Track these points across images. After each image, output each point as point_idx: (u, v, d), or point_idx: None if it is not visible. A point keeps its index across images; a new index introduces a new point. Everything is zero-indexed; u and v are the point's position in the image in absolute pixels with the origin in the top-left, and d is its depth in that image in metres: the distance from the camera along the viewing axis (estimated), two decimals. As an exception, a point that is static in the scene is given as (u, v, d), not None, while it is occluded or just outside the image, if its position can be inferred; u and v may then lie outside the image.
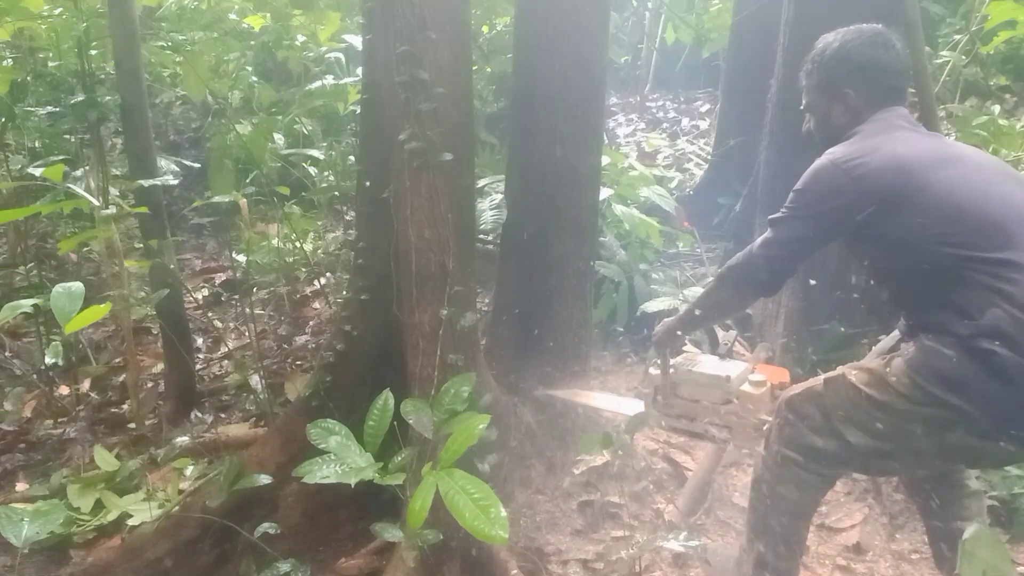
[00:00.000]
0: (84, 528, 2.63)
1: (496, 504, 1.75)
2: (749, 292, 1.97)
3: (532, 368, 2.76)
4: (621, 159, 4.27)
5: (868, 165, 1.71)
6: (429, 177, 2.08)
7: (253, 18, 5.20)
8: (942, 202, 1.65)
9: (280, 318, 4.35)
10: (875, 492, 2.67)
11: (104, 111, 3.53)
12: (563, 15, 2.54)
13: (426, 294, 2.15)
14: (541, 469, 2.69)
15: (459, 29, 2.15)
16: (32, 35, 4.21)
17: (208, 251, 5.56)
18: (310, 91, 4.77)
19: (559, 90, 2.58)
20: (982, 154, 1.88)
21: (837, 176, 1.74)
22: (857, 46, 1.88)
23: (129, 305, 3.03)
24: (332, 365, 2.57)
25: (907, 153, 1.72)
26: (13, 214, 3.08)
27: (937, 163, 1.70)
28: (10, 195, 3.91)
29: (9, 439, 3.37)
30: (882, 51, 1.87)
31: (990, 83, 5.81)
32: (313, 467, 2.01)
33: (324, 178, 4.85)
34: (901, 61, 1.91)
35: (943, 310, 1.64)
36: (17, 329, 4.23)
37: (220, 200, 3.35)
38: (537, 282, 2.73)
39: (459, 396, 2.04)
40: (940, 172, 1.68)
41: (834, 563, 2.35)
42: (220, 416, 3.45)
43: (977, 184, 1.68)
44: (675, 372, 2.20)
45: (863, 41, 1.88)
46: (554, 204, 2.68)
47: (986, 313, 1.56)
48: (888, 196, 1.68)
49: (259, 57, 5.83)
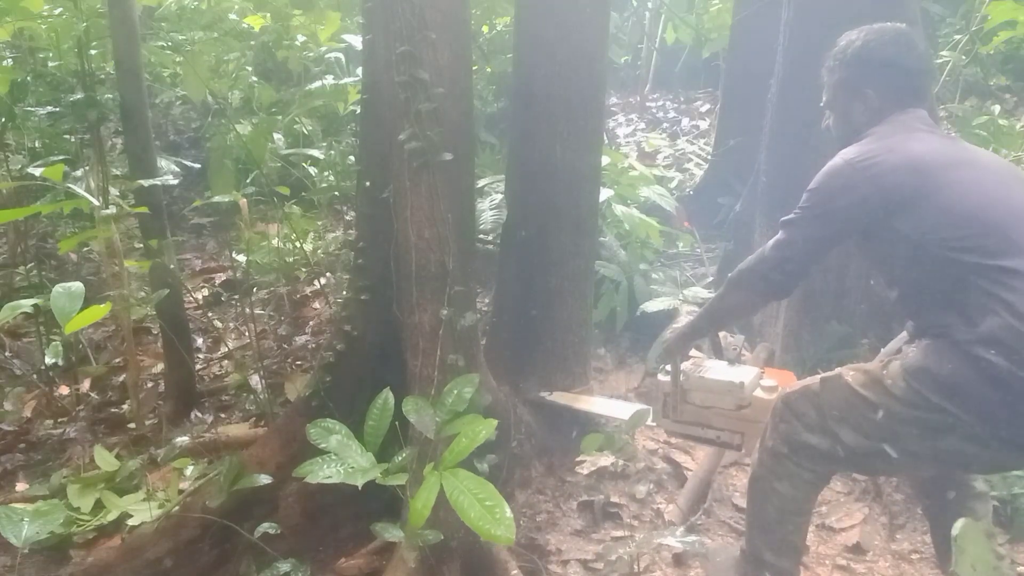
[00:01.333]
0: (84, 528, 2.63)
1: (501, 504, 1.75)
2: (762, 295, 1.96)
3: (532, 368, 2.77)
4: (621, 159, 4.27)
5: (882, 164, 1.71)
6: (429, 177, 2.08)
7: (253, 18, 5.20)
8: (952, 205, 1.65)
9: (280, 318, 4.35)
10: (875, 492, 2.67)
11: (104, 111, 3.53)
12: (563, 15, 2.54)
13: (426, 294, 2.15)
14: (541, 469, 2.69)
15: (459, 29, 2.15)
16: (32, 35, 4.21)
17: (208, 251, 5.55)
18: (310, 91, 4.77)
19: (559, 90, 2.58)
20: (995, 158, 1.88)
21: (852, 175, 1.74)
22: (879, 45, 1.87)
23: (129, 305, 3.03)
24: (332, 365, 2.57)
25: (922, 154, 1.72)
26: (13, 214, 3.08)
27: (951, 165, 1.70)
28: (10, 195, 3.91)
29: (9, 439, 3.36)
30: (904, 51, 1.86)
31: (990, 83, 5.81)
32: (314, 467, 2.01)
33: (324, 178, 4.85)
34: (923, 62, 1.90)
35: (945, 313, 1.64)
36: (17, 329, 4.23)
37: (220, 200, 3.35)
38: (537, 282, 2.73)
39: (462, 397, 2.04)
40: (953, 174, 1.68)
41: (834, 563, 2.35)
42: (220, 416, 3.45)
43: (988, 189, 1.68)
44: (686, 379, 2.17)
45: (885, 40, 1.87)
46: (554, 204, 2.68)
47: (985, 320, 1.57)
48: (901, 195, 1.69)
49: (259, 57, 5.83)
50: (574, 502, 2.61)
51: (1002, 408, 1.55)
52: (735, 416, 2.10)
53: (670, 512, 2.55)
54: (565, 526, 2.51)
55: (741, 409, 2.09)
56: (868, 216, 1.73)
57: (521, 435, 2.59)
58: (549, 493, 2.64)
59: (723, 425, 2.13)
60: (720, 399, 2.12)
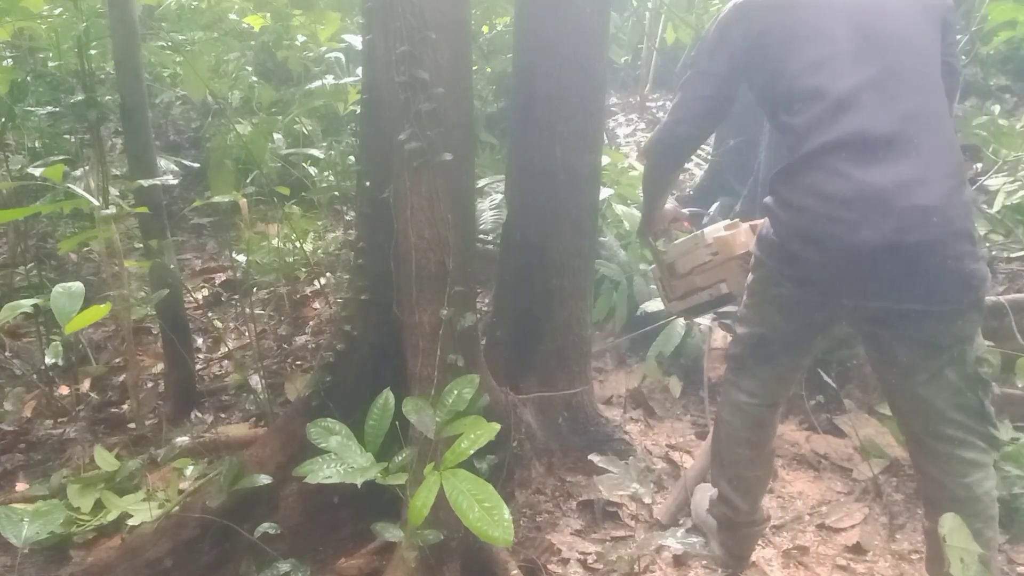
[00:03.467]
0: (84, 528, 2.63)
1: (500, 506, 1.75)
2: (668, 159, 2.09)
3: (532, 368, 2.77)
4: (621, 159, 4.27)
5: (755, 2, 1.78)
6: (429, 177, 2.08)
7: (253, 18, 5.20)
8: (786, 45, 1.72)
9: (280, 318, 4.35)
10: (875, 492, 2.68)
11: (104, 111, 3.52)
12: (563, 15, 2.54)
13: (426, 294, 2.15)
14: (541, 469, 2.69)
15: (459, 29, 2.15)
16: (32, 35, 4.21)
17: (208, 251, 5.55)
18: (310, 91, 4.77)
19: (559, 90, 2.58)
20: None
21: (732, 13, 1.82)
22: None
23: (129, 305, 3.03)
24: (332, 365, 2.57)
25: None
26: (13, 214, 3.08)
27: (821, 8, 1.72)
28: (10, 195, 3.91)
29: (9, 439, 3.36)
30: None
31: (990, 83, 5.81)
32: (314, 467, 2.01)
33: (324, 178, 4.85)
34: None
35: (776, 171, 1.76)
36: (17, 329, 4.23)
37: (220, 200, 3.35)
38: (537, 282, 2.73)
39: (462, 398, 2.04)
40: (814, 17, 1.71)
41: (834, 563, 2.35)
42: (220, 416, 3.45)
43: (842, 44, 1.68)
44: (666, 254, 2.36)
45: None
46: (554, 204, 2.68)
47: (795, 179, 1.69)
48: (762, 34, 1.75)
49: (259, 57, 5.83)
50: (574, 501, 2.61)
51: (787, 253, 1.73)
52: (712, 266, 2.22)
53: (658, 511, 2.56)
54: (565, 526, 2.52)
55: (715, 256, 2.21)
56: (742, 52, 1.79)
57: (521, 435, 2.59)
58: (549, 493, 2.64)
59: (708, 280, 2.24)
60: (693, 257, 2.25)
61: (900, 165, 1.58)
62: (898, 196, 1.56)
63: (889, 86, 1.63)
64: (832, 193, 1.60)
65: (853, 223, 1.58)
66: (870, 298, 1.68)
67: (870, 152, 1.59)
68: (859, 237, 1.57)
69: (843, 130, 1.61)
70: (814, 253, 1.66)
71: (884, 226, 1.55)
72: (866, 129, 1.60)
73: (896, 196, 1.56)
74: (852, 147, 1.60)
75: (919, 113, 1.63)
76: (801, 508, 2.63)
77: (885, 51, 1.66)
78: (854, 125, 1.61)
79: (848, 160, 1.59)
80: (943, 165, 1.61)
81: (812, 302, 1.83)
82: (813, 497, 2.68)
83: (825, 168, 1.62)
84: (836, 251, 1.62)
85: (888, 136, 1.59)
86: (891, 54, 1.66)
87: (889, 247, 1.56)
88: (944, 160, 1.62)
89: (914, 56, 1.68)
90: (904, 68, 1.66)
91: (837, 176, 1.60)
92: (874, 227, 1.56)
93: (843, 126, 1.61)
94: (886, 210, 1.55)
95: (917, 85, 1.66)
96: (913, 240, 1.55)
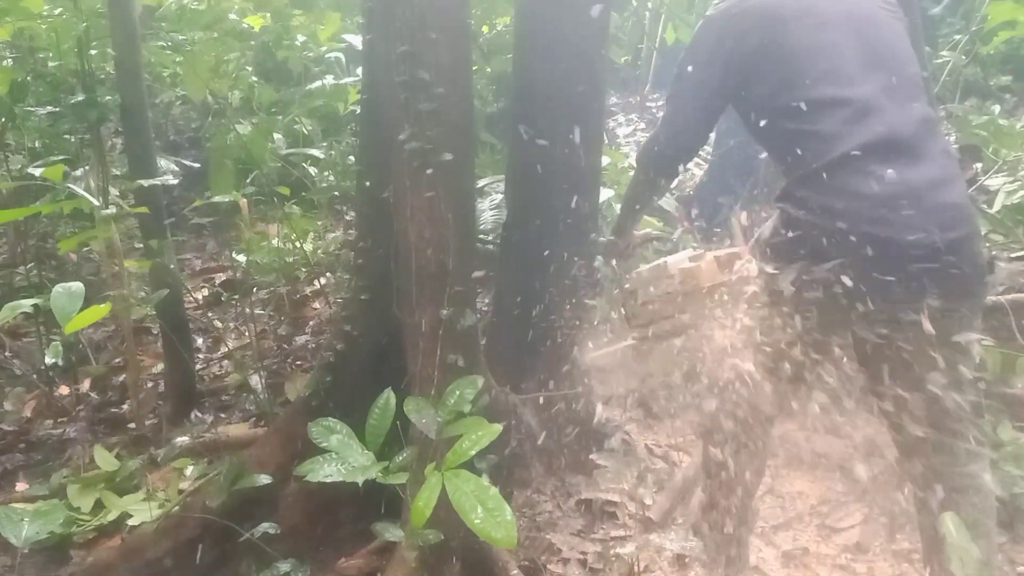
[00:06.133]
0: (84, 528, 2.63)
1: (503, 507, 1.76)
2: (662, 174, 2.02)
3: (532, 368, 2.76)
4: (621, 159, 4.27)
5: (744, 3, 1.77)
6: (429, 177, 2.08)
7: (253, 18, 5.19)
8: (792, 58, 1.71)
9: (280, 318, 4.35)
10: (875, 492, 2.67)
11: (104, 111, 3.52)
12: (563, 15, 2.54)
13: (426, 294, 2.15)
14: (540, 469, 2.69)
15: (459, 29, 2.15)
16: (32, 35, 4.20)
17: (208, 251, 5.55)
18: (310, 91, 4.76)
19: (559, 90, 2.58)
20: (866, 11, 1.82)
21: (718, 22, 1.80)
22: None
23: (129, 305, 3.03)
24: (332, 365, 2.57)
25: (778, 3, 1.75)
26: (13, 214, 3.08)
27: (804, 15, 1.73)
28: (10, 195, 3.90)
29: (9, 439, 3.36)
30: None
31: (990, 83, 5.81)
32: (315, 465, 2.01)
33: (324, 178, 4.85)
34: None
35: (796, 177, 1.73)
36: (17, 329, 4.23)
37: (220, 200, 3.35)
38: (537, 282, 2.73)
39: (464, 398, 2.04)
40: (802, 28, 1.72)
41: (834, 563, 2.35)
42: (220, 416, 3.45)
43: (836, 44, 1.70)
44: (628, 280, 2.23)
45: None
46: (554, 204, 2.68)
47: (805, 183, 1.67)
48: (760, 47, 1.73)
49: (259, 57, 5.82)
50: (573, 501, 2.61)
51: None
52: (675, 297, 2.14)
53: (653, 510, 2.55)
54: (565, 526, 2.51)
55: (679, 287, 2.11)
56: (736, 65, 1.77)
57: (521, 435, 2.59)
58: (549, 493, 2.64)
59: (671, 311, 2.15)
60: (657, 286, 2.15)
61: (924, 166, 1.63)
62: (931, 195, 1.61)
63: (898, 92, 1.69)
64: (871, 194, 1.62)
65: (898, 223, 1.59)
66: (912, 296, 1.66)
67: (898, 153, 1.63)
68: (905, 236, 1.59)
69: (872, 133, 1.64)
70: (858, 253, 1.64)
71: (927, 224, 1.58)
72: (892, 131, 1.64)
73: (929, 195, 1.60)
74: (882, 149, 1.63)
75: (924, 117, 1.70)
76: (801, 508, 2.63)
77: (884, 60, 1.72)
78: (881, 128, 1.64)
79: (882, 162, 1.62)
80: (951, 166, 1.69)
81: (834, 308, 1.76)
82: (813, 497, 2.68)
83: (861, 171, 1.63)
84: (883, 251, 1.61)
85: (909, 138, 1.65)
86: (890, 63, 1.72)
87: (933, 244, 1.58)
88: (951, 162, 1.70)
89: (906, 64, 1.76)
90: (902, 76, 1.72)
91: (873, 177, 1.62)
92: (918, 226, 1.58)
93: (871, 129, 1.64)
94: (925, 208, 1.59)
95: (915, 92, 1.73)
96: (953, 236, 1.59)
